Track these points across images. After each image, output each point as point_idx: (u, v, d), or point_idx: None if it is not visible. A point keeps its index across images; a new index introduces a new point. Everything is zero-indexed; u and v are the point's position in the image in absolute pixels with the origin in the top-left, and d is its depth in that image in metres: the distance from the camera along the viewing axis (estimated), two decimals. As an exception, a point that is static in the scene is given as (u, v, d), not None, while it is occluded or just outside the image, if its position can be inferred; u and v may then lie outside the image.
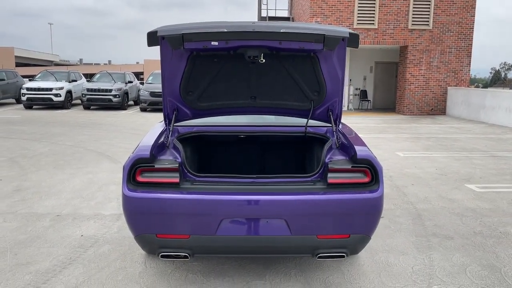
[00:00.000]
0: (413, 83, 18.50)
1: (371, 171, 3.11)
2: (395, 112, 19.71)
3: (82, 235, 4.44)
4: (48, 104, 19.14)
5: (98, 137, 11.15)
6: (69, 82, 20.12)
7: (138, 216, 3.02)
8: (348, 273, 3.66)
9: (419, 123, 15.59)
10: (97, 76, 20.83)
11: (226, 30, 3.01)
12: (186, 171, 3.22)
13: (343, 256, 3.13)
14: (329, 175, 3.10)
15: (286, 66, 3.49)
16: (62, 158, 8.45)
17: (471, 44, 18.39)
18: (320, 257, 3.11)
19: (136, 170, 3.06)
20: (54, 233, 4.50)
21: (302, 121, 3.92)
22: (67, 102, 19.43)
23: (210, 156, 4.46)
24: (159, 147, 3.32)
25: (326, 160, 3.26)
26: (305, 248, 3.10)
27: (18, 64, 44.76)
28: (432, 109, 18.76)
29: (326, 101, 3.66)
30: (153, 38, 3.16)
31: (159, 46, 3.28)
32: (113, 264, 3.79)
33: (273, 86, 3.63)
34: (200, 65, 3.45)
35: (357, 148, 3.16)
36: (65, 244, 4.21)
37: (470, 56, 18.48)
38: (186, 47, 3.12)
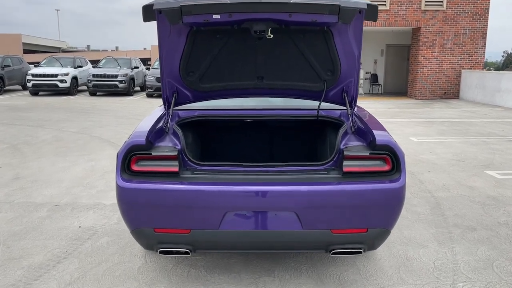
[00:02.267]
0: (426, 66, 17.96)
1: (392, 159, 2.79)
2: (406, 96, 19.22)
3: (80, 227, 4.20)
4: (54, 90, 18.94)
5: (103, 124, 10.91)
6: (75, 68, 19.87)
7: (133, 209, 2.74)
8: (364, 268, 3.37)
9: (432, 107, 15.14)
10: (103, 61, 20.54)
11: (229, 1, 2.68)
12: (187, 159, 2.93)
13: (360, 252, 2.84)
14: (345, 163, 2.79)
15: (296, 42, 3.16)
16: (65, 145, 8.22)
17: (487, 25, 17.75)
18: (334, 253, 2.82)
19: (131, 158, 2.78)
20: (51, 224, 4.26)
21: (314, 103, 3.59)
22: (73, 88, 19.20)
23: (213, 142, 4.15)
24: (157, 133, 3.03)
25: (341, 147, 2.94)
26: (318, 243, 2.80)
27: (25, 51, 44.60)
28: (445, 92, 18.24)
29: (341, 82, 3.33)
30: (149, 12, 2.85)
31: (156, 22, 2.97)
32: (111, 258, 3.54)
33: (282, 65, 3.30)
34: (201, 42, 3.13)
35: (375, 132, 2.84)
36: (61, 236, 3.97)
37: (485, 38, 17.86)
38: (185, 21, 2.80)
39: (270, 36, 2.95)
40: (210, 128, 4.07)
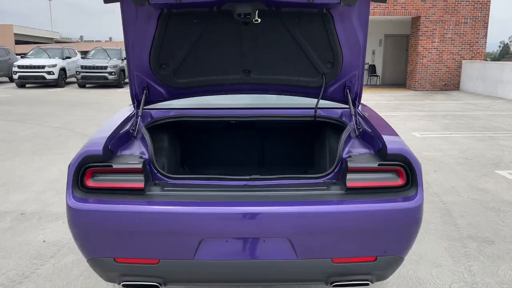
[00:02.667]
0: (426, 57, 17.42)
1: (406, 171, 2.28)
2: (406, 87, 18.70)
3: (44, 241, 3.68)
4: (41, 83, 18.28)
5: (88, 118, 10.34)
6: (63, 59, 19.19)
7: (88, 235, 2.22)
8: (370, 295, 2.87)
9: (433, 99, 14.63)
10: (92, 52, 19.83)
11: None
12: (156, 172, 2.41)
13: (367, 285, 2.33)
14: (349, 176, 2.28)
15: (289, 28, 2.62)
16: (45, 142, 7.66)
17: (488, 14, 17.20)
18: (335, 285, 2.31)
19: (85, 172, 2.25)
20: (12, 238, 3.73)
21: (311, 102, 3.05)
22: (61, 80, 18.55)
23: (193, 148, 3.60)
24: (121, 139, 2.50)
25: (344, 155, 2.43)
26: (316, 275, 2.30)
27: (17, 42, 43.62)
28: (445, 84, 17.73)
29: (343, 75, 2.80)
30: None
31: (119, 3, 2.43)
32: (74, 283, 3.02)
33: (272, 56, 2.76)
34: (175, 28, 2.58)
35: (386, 138, 2.32)
36: (21, 254, 3.45)
37: (487, 28, 17.31)
38: (152, 1, 2.27)
39: (257, 20, 2.42)
40: (188, 131, 3.53)
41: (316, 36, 2.65)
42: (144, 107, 2.89)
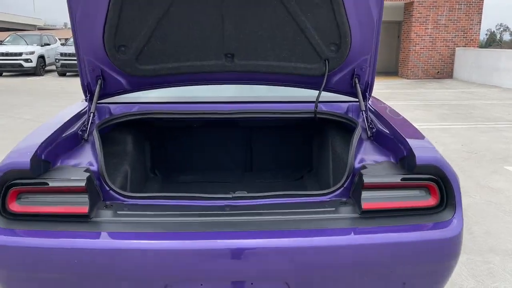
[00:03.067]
0: (419, 44, 16.89)
1: (441, 187, 1.72)
2: (397, 76, 18.19)
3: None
4: (18, 71, 17.38)
5: (64, 109, 9.63)
6: (42, 46, 18.26)
7: (11, 278, 1.63)
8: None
9: (426, 88, 14.16)
10: (71, 39, 18.93)
11: None
12: (108, 189, 1.82)
13: None
14: (364, 194, 1.72)
15: (283, 0, 2.03)
16: (13, 136, 6.97)
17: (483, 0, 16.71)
18: None
19: (8, 192, 1.65)
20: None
21: (309, 93, 2.47)
22: (40, 69, 17.66)
23: (165, 151, 2.99)
24: (64, 144, 1.91)
25: (356, 165, 1.86)
26: None
27: (-1, 29, 42.13)
28: (438, 72, 17.26)
29: (351, 61, 2.22)
30: None
31: None
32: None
33: (261, 36, 2.17)
34: None
35: (412, 143, 1.76)
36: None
37: (481, 14, 16.81)
38: None
39: None
40: (160, 130, 2.92)
41: (318, 11, 2.07)
42: (100, 102, 2.28)
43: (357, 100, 2.30)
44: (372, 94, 2.46)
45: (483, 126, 7.90)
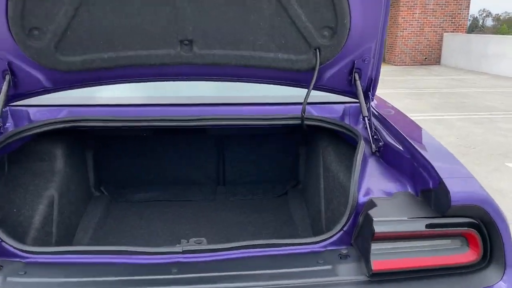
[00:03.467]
0: (406, 29, 16.43)
1: (484, 235, 1.20)
2: (384, 62, 17.73)
3: None
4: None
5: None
6: None
7: None
8: None
9: (414, 75, 13.74)
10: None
11: None
12: (0, 241, 1.25)
13: None
14: (375, 248, 1.18)
15: None
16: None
17: (471, -17, 16.27)
18: None
19: None
20: None
21: (297, 92, 1.89)
22: None
23: (113, 163, 2.37)
24: None
25: (361, 198, 1.32)
26: None
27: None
28: (425, 58, 16.86)
29: (350, 50, 1.67)
30: None
31: None
32: None
33: (229, 18, 1.59)
34: None
35: (442, 170, 1.23)
36: None
37: (470, -3, 16.42)
38: None
39: None
40: (103, 139, 2.31)
41: None
42: (11, 104, 1.69)
43: (356, 101, 1.76)
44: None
45: (477, 117, 7.48)
